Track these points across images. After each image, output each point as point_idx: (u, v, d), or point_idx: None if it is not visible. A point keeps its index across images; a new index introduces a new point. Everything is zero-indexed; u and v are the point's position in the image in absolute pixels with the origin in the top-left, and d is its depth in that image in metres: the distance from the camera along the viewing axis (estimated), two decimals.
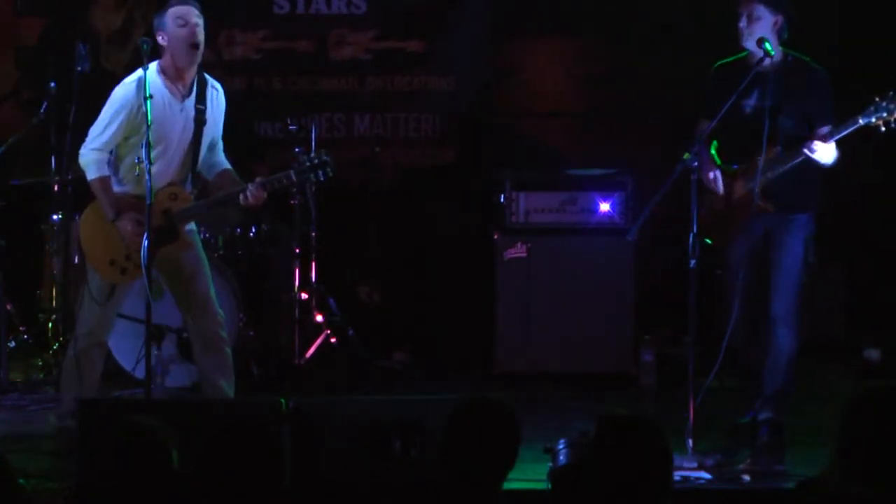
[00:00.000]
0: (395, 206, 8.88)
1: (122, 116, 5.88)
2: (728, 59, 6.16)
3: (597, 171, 7.93)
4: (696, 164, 5.80)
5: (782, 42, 6.03)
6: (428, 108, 9.00)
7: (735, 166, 6.06)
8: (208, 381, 6.08)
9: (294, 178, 5.94)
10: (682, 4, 8.54)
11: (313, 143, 7.89)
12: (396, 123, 9.02)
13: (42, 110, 7.61)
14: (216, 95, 6.11)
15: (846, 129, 5.80)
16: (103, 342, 6.19)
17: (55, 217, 7.71)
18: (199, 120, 5.99)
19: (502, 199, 7.82)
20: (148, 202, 5.66)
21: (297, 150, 7.79)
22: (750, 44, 5.98)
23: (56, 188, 7.67)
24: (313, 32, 8.98)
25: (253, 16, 8.98)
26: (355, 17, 8.96)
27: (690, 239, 5.74)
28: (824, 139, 5.80)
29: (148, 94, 5.70)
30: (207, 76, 6.11)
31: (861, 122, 5.76)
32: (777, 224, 6.02)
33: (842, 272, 8.39)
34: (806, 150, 5.81)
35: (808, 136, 5.88)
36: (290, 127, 7.94)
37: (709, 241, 6.09)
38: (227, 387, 6.05)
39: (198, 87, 6.01)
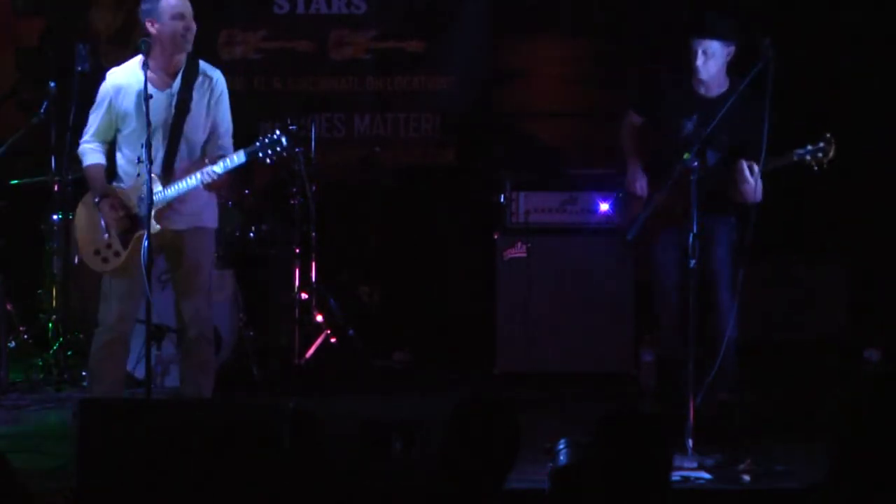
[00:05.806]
0: (395, 206, 8.88)
1: (101, 107, 6.00)
2: (681, 72, 6.27)
3: (597, 171, 7.92)
4: (695, 164, 5.80)
5: (730, 70, 6.20)
6: (428, 108, 9.00)
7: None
8: (183, 376, 6.19)
9: (245, 157, 5.85)
10: (682, 4, 8.53)
11: (313, 144, 7.89)
12: (396, 123, 9.02)
13: (42, 110, 7.61)
14: (209, 83, 5.98)
15: (780, 162, 6.00)
16: (121, 335, 6.01)
17: (55, 217, 7.72)
18: (181, 109, 5.89)
19: (502, 199, 7.81)
20: (148, 200, 5.66)
21: (297, 150, 7.80)
22: (704, 76, 6.17)
23: (56, 188, 7.68)
24: (313, 32, 8.98)
25: (253, 16, 8.98)
26: (355, 17, 8.96)
27: (690, 239, 5.74)
28: (755, 173, 5.96)
29: (148, 95, 5.69)
30: (203, 63, 6.01)
31: (795, 158, 5.99)
32: (705, 224, 6.05)
33: (843, 271, 8.37)
34: (745, 169, 5.95)
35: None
36: (290, 127, 7.93)
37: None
38: (198, 379, 6.08)
39: (185, 75, 5.92)
